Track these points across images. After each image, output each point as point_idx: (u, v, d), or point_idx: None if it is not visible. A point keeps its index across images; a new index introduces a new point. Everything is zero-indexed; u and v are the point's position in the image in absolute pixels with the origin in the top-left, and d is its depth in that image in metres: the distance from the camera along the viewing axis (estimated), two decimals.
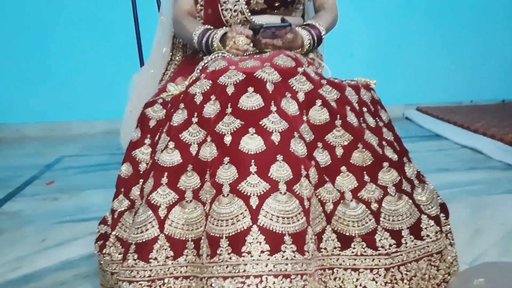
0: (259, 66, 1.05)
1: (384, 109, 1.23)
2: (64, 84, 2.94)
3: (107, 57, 2.90)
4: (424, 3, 3.12)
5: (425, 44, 3.19)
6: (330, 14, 1.34)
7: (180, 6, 1.35)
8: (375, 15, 3.10)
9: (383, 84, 3.14)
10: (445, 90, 3.28)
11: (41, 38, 2.87)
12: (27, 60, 2.89)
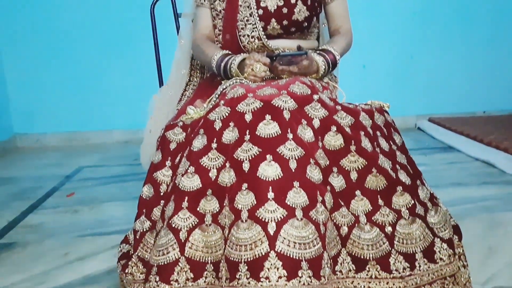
0: (276, 94, 1.08)
1: (398, 132, 1.26)
2: (83, 94, 3.02)
3: (126, 69, 2.97)
4: (436, 14, 3.13)
5: (438, 54, 3.20)
6: (345, 39, 1.38)
7: (200, 31, 1.39)
8: (387, 26, 3.12)
9: (396, 94, 3.22)
10: (458, 100, 3.28)
11: (63, 51, 2.95)
12: (47, 71, 2.97)
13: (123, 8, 2.88)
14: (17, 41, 2.91)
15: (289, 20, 1.34)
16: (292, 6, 1.32)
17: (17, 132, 3.05)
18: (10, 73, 2.95)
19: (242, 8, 1.33)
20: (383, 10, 3.09)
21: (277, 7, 1.33)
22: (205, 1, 1.39)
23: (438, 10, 3.13)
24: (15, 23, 2.89)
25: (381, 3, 3.08)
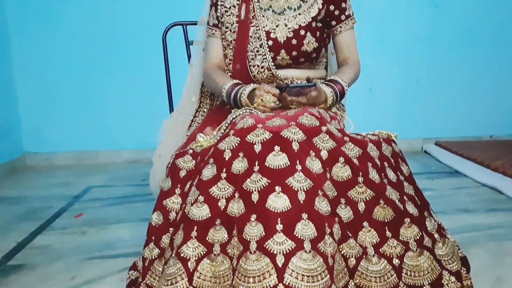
0: (285, 125, 1.10)
1: (405, 162, 1.27)
2: (93, 114, 3.06)
3: (136, 91, 3.02)
4: (442, 38, 3.16)
5: (444, 78, 3.22)
6: (353, 70, 1.41)
7: (211, 60, 1.43)
8: (393, 50, 3.15)
9: (402, 117, 3.23)
10: (464, 124, 3.29)
11: (75, 71, 3.00)
12: (58, 91, 3.02)
13: (137, 33, 2.93)
14: (30, 61, 2.97)
15: (298, 51, 1.37)
16: (302, 37, 1.36)
17: (27, 151, 3.08)
18: (21, 91, 3.00)
19: (252, 39, 1.36)
20: (389, 34, 3.13)
21: (286, 39, 1.36)
22: (216, 32, 1.43)
23: (443, 34, 3.16)
24: (29, 43, 2.95)
25: (387, 27, 3.12)
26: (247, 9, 1.37)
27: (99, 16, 2.95)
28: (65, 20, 2.94)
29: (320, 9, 1.39)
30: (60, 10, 2.93)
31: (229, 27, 1.39)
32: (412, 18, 3.12)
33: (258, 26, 1.36)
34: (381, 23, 3.10)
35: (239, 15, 1.37)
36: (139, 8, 2.93)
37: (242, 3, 1.38)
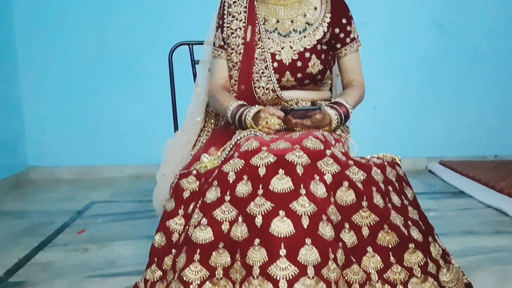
0: (289, 148, 1.10)
1: (409, 186, 1.27)
2: (98, 128, 3.08)
3: (141, 106, 3.04)
4: (446, 57, 3.17)
5: (448, 97, 3.22)
6: (358, 92, 1.41)
7: (216, 81, 1.44)
8: (398, 68, 3.16)
9: (406, 136, 3.22)
10: (469, 144, 3.28)
11: (80, 86, 3.03)
12: (64, 105, 3.04)
13: (143, 50, 2.97)
14: (36, 76, 3.00)
15: (303, 73, 1.38)
16: (307, 60, 1.37)
17: (31, 165, 3.10)
18: (27, 105, 3.03)
19: (258, 61, 1.37)
20: (393, 53, 3.14)
21: (291, 61, 1.37)
22: (222, 53, 1.44)
23: (448, 54, 3.17)
24: (36, 59, 2.99)
25: (392, 46, 3.13)
26: (253, 31, 1.38)
27: (106, 33, 2.98)
28: (72, 37, 2.98)
29: (325, 32, 1.40)
30: (67, 27, 2.97)
31: (235, 48, 1.41)
32: (416, 37, 3.13)
33: (264, 48, 1.37)
34: (386, 42, 3.12)
35: (245, 37, 1.39)
36: (146, 26, 2.97)
37: (248, 25, 1.39)
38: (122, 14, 2.97)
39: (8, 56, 2.91)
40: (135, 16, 2.97)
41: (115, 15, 2.97)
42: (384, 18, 3.10)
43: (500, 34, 3.18)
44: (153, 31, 2.95)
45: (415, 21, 3.12)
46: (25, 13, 2.94)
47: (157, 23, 2.96)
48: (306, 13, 1.41)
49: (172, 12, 2.96)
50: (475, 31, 3.16)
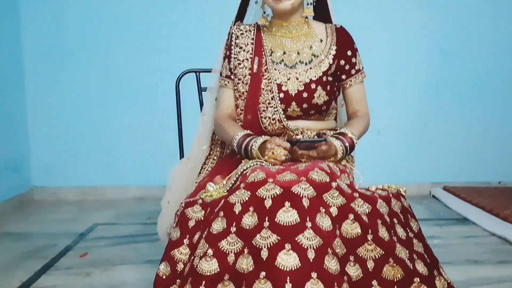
0: (295, 180, 1.11)
1: (414, 218, 1.27)
2: (102, 149, 3.09)
3: (146, 129, 3.07)
4: (450, 84, 3.20)
5: (452, 123, 3.23)
6: (363, 123, 1.43)
7: (222, 110, 1.46)
8: (401, 95, 3.19)
9: (410, 161, 3.23)
10: (473, 169, 3.28)
11: (84, 108, 3.06)
12: (67, 126, 3.07)
13: (150, 75, 3.01)
14: (43, 97, 3.04)
15: (309, 104, 1.40)
16: (312, 91, 1.39)
17: (35, 185, 3.11)
18: (33, 125, 3.06)
19: (264, 91, 1.40)
20: (397, 79, 3.17)
21: (297, 91, 1.39)
22: (229, 83, 1.46)
23: (452, 80, 3.20)
24: (43, 82, 3.03)
25: (396, 72, 3.17)
26: (260, 62, 1.41)
27: (114, 58, 3.03)
28: (80, 60, 3.02)
29: (330, 64, 1.43)
30: (75, 51, 3.02)
31: (242, 79, 1.43)
32: (420, 63, 3.17)
33: (270, 79, 1.40)
34: (390, 67, 3.15)
35: (252, 68, 1.41)
36: (154, 53, 3.02)
37: (255, 56, 1.42)
38: (130, 39, 3.02)
39: (16, 77, 2.95)
40: (143, 42, 3.03)
41: (123, 40, 3.02)
42: (388, 44, 3.14)
43: (503, 60, 3.21)
44: (161, 58, 3.00)
45: (419, 47, 3.15)
46: (34, 36, 3.00)
47: (165, 50, 3.01)
48: (312, 45, 1.43)
49: (179, 40, 3.01)
50: (478, 58, 3.19)
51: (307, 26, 1.45)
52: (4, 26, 2.81)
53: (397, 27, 3.14)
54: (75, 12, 3.00)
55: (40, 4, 2.98)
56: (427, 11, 3.12)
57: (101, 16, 3.00)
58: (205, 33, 2.89)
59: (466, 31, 3.16)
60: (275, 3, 1.36)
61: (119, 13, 3.00)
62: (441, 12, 3.13)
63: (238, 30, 1.47)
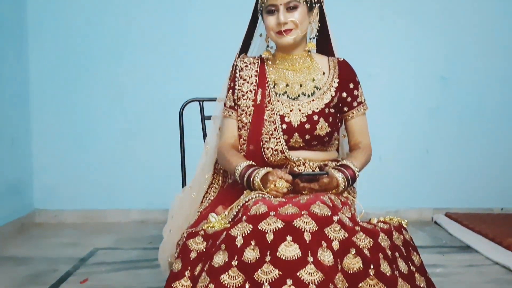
0: (297, 213, 1.12)
1: (416, 251, 1.27)
2: (104, 173, 3.11)
3: (149, 153, 3.09)
4: (451, 110, 3.21)
5: (453, 149, 3.24)
6: (364, 154, 1.44)
7: (225, 140, 1.47)
8: (403, 119, 3.21)
9: (412, 187, 3.23)
10: (475, 195, 3.27)
11: (88, 132, 3.09)
12: (71, 149, 3.09)
13: (155, 103, 3.06)
14: (47, 121, 3.07)
15: (311, 135, 1.41)
16: (315, 122, 1.40)
17: (37, 208, 3.11)
18: (37, 149, 3.08)
19: (267, 122, 1.41)
20: (398, 105, 3.20)
21: (300, 123, 1.41)
22: (232, 113, 1.48)
23: (452, 106, 3.22)
24: (49, 106, 3.07)
25: (397, 98, 3.19)
26: (263, 94, 1.43)
27: (119, 84, 3.08)
28: (85, 85, 3.07)
29: (333, 96, 1.45)
30: (81, 76, 3.07)
31: (245, 110, 1.45)
32: (421, 89, 3.20)
33: (273, 110, 1.42)
34: (391, 93, 3.18)
35: (255, 100, 1.43)
36: (159, 81, 3.07)
37: (258, 88, 1.44)
38: (135, 66, 3.07)
39: (21, 102, 2.98)
40: (149, 69, 3.08)
41: (128, 67, 3.07)
42: (390, 70, 3.18)
43: (503, 86, 3.24)
44: (165, 85, 3.05)
45: (419, 73, 3.19)
46: (41, 61, 3.04)
47: (170, 78, 3.06)
48: (315, 78, 1.46)
49: (184, 68, 3.06)
50: (478, 84, 3.22)
51: (309, 59, 1.48)
52: (10, 51, 2.86)
53: (398, 54, 3.18)
54: (81, 39, 3.05)
55: (47, 30, 3.03)
56: (427, 39, 3.17)
57: (107, 44, 3.06)
58: (209, 62, 2.94)
59: (465, 58, 3.19)
60: (278, 37, 1.39)
61: (125, 40, 3.06)
62: (440, 40, 3.17)
63: (242, 62, 1.50)
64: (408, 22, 3.15)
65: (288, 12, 1.38)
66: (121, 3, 3.04)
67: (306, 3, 1.38)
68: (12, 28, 2.87)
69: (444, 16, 3.15)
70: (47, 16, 3.02)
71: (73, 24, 3.04)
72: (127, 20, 3.05)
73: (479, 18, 3.16)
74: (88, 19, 3.04)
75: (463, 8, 3.15)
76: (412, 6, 3.14)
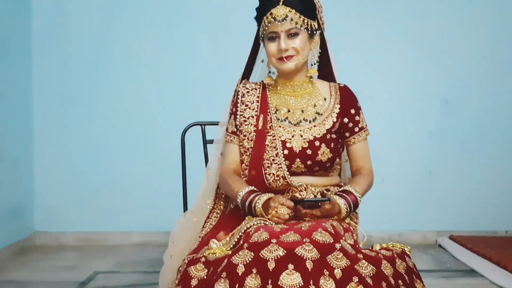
0: (299, 241, 1.11)
1: (419, 278, 1.25)
2: (105, 195, 3.09)
3: (149, 174, 3.08)
4: (453, 132, 3.21)
5: (456, 171, 3.23)
6: (366, 180, 1.44)
7: (227, 165, 1.47)
8: (405, 141, 3.20)
9: (415, 209, 3.20)
10: (479, 218, 3.24)
11: (89, 154, 3.09)
12: (72, 172, 3.08)
13: (156, 126, 3.08)
14: (50, 144, 3.08)
15: (313, 161, 1.41)
16: (316, 148, 1.41)
17: (37, 230, 3.09)
18: (38, 171, 3.07)
19: (269, 148, 1.41)
20: (401, 127, 3.19)
21: (301, 148, 1.41)
22: (234, 139, 1.48)
23: (454, 128, 3.21)
24: (50, 128, 3.08)
25: (399, 120, 3.19)
26: (265, 119, 1.44)
27: (120, 108, 3.09)
28: (87, 109, 3.08)
29: (334, 122, 1.45)
30: (83, 99, 3.08)
31: (247, 135, 1.45)
32: (423, 112, 3.20)
33: (275, 136, 1.42)
34: (393, 116, 3.18)
35: (257, 125, 1.44)
36: (161, 104, 3.09)
37: (260, 114, 1.45)
38: (137, 89, 3.09)
39: (24, 125, 3.00)
40: (151, 92, 3.09)
41: (131, 90, 3.09)
42: (392, 93, 3.19)
43: (504, 109, 3.23)
44: (168, 109, 3.07)
45: (422, 96, 3.20)
46: (44, 82, 3.06)
47: (172, 101, 3.07)
48: (316, 104, 1.47)
49: (186, 92, 3.08)
50: (481, 107, 3.22)
51: (311, 85, 1.49)
52: (14, 73, 2.89)
53: (400, 76, 3.20)
54: (84, 62, 3.07)
55: (51, 54, 3.06)
56: (429, 61, 3.19)
57: (109, 68, 3.07)
58: (211, 86, 2.97)
59: (466, 81, 3.20)
60: (280, 63, 1.40)
61: (127, 64, 3.08)
62: (442, 62, 3.19)
63: (244, 88, 1.51)
64: (410, 44, 3.17)
65: (289, 39, 1.39)
66: (123, 28, 3.08)
67: (307, 30, 1.40)
68: (17, 51, 2.91)
69: (446, 38, 3.17)
70: (51, 39, 3.06)
71: (77, 48, 3.07)
72: (130, 44, 3.08)
73: (481, 41, 3.19)
74: (91, 43, 3.07)
75: (464, 31, 3.17)
76: (414, 28, 3.16)
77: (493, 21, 3.18)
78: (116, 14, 3.08)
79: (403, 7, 3.16)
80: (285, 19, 1.36)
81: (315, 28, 1.42)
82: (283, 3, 1.37)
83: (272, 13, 1.38)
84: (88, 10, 3.07)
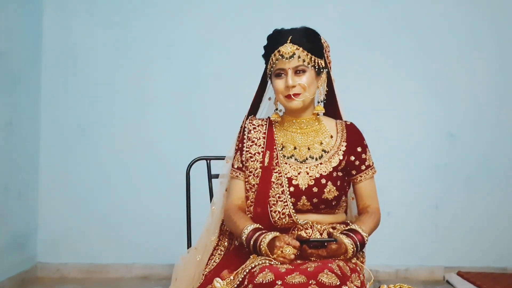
0: (305, 283, 1.09)
1: None
2: (107, 227, 3.06)
3: (152, 206, 3.06)
4: (460, 165, 3.18)
5: (463, 206, 3.18)
6: (373, 219, 1.42)
7: (232, 202, 1.46)
8: (411, 175, 3.18)
9: (422, 244, 3.14)
10: (487, 253, 3.17)
11: (93, 186, 3.08)
12: (74, 203, 3.06)
13: (161, 160, 3.08)
14: (54, 174, 3.07)
15: (319, 198, 1.40)
16: (322, 186, 1.40)
17: (39, 261, 3.06)
18: (42, 202, 3.06)
19: (274, 185, 1.41)
20: (406, 161, 3.18)
21: (308, 186, 1.40)
22: (240, 175, 1.48)
23: (461, 163, 3.19)
24: (56, 158, 3.08)
25: (405, 154, 3.18)
26: (271, 156, 1.43)
27: (125, 141, 3.08)
28: (94, 141, 3.08)
29: (341, 160, 1.45)
30: (90, 130, 3.08)
31: (253, 171, 1.45)
32: (428, 146, 3.19)
33: (281, 173, 1.41)
34: (399, 150, 3.17)
35: (263, 162, 1.44)
36: (167, 138, 3.09)
37: (266, 150, 1.45)
38: (143, 123, 3.10)
39: (31, 156, 3.00)
40: (156, 126, 3.11)
41: (136, 123, 3.10)
42: (397, 127, 3.18)
43: (511, 142, 3.22)
44: (173, 143, 3.06)
45: (427, 130, 3.19)
46: (51, 114, 3.08)
47: (177, 135, 3.08)
48: (323, 141, 1.47)
49: (192, 126, 3.09)
50: (487, 141, 3.20)
51: (317, 122, 1.49)
52: (23, 103, 2.92)
53: (405, 110, 3.20)
54: (90, 95, 3.09)
55: (59, 86, 3.08)
56: (433, 95, 3.20)
57: (115, 100, 3.09)
58: (217, 121, 2.99)
59: (472, 115, 3.20)
60: (287, 101, 1.41)
61: (133, 97, 3.10)
62: (447, 97, 3.20)
63: (250, 124, 1.51)
64: (414, 78, 3.19)
65: (297, 76, 1.40)
66: (130, 62, 3.10)
67: (314, 67, 1.41)
68: (26, 83, 2.95)
69: (451, 72, 3.19)
70: (60, 72, 3.09)
71: (84, 82, 3.10)
72: (137, 78, 3.11)
73: (486, 75, 3.20)
74: (99, 77, 3.10)
75: (470, 65, 3.19)
76: (419, 63, 3.19)
77: (498, 55, 3.20)
78: (124, 48, 3.12)
79: (408, 42, 3.19)
80: (293, 56, 1.38)
81: (322, 66, 1.44)
82: (291, 41, 1.40)
83: (280, 50, 1.40)
84: (96, 44, 3.11)
